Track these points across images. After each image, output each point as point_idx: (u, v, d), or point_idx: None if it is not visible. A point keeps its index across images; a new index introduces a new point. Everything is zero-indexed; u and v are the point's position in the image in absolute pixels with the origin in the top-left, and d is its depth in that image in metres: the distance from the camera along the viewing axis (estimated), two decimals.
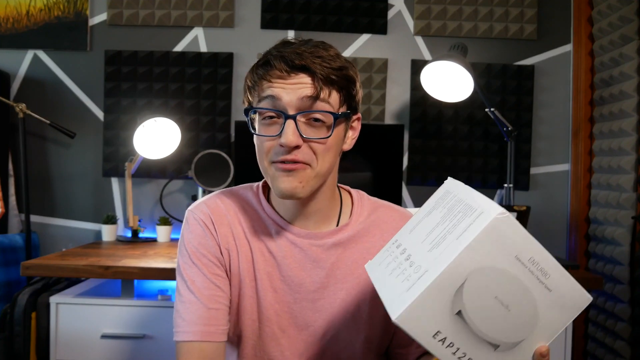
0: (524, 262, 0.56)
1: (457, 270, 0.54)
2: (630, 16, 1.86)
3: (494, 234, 0.54)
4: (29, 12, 2.23)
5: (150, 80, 2.23)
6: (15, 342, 1.67)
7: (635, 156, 1.84)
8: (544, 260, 0.57)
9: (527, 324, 0.57)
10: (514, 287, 0.56)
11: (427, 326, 0.54)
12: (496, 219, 0.54)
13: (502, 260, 0.55)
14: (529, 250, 0.56)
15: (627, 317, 1.82)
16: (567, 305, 0.59)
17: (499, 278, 0.55)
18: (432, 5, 2.21)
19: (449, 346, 0.55)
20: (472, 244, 0.54)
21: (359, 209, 0.89)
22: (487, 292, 0.55)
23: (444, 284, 0.54)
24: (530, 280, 0.56)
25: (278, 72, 0.75)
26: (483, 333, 0.56)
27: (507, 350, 0.57)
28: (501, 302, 0.56)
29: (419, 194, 2.24)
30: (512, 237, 0.55)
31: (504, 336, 0.57)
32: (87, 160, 2.25)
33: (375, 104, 2.23)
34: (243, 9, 2.24)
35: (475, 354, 0.56)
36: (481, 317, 0.55)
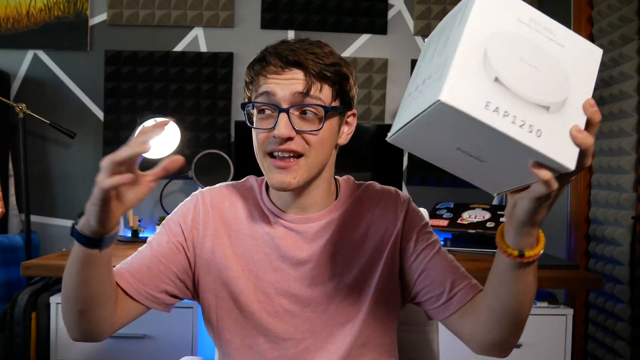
0: (527, 22, 0.57)
1: (474, 41, 0.54)
2: (630, 16, 1.86)
3: (489, 3, 0.55)
4: (29, 12, 2.23)
5: (150, 80, 2.23)
6: (15, 342, 1.67)
7: (635, 156, 1.84)
8: (544, 19, 0.58)
9: (560, 80, 0.57)
10: (530, 47, 0.56)
11: (475, 98, 0.52)
12: None
13: (508, 23, 0.56)
14: (525, 11, 0.57)
15: (627, 317, 1.82)
16: (586, 59, 0.59)
17: (513, 40, 0.56)
18: (432, 5, 2.22)
19: (505, 115, 0.53)
20: (474, 16, 0.54)
21: (346, 191, 0.93)
22: (510, 55, 0.55)
23: (468, 57, 0.53)
24: (540, 39, 0.57)
25: (273, 68, 0.80)
26: (528, 95, 0.54)
27: (559, 110, 0.56)
28: (527, 62, 0.55)
29: (419, 194, 2.24)
30: (506, 1, 0.56)
31: (548, 96, 0.56)
32: (87, 160, 2.25)
33: (375, 104, 2.23)
34: (243, 9, 2.24)
35: (533, 119, 0.54)
36: (518, 80, 0.54)
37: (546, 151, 0.54)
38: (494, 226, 1.85)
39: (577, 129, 0.55)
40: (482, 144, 0.56)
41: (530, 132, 0.53)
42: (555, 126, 0.55)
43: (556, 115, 0.56)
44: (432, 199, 2.17)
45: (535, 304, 1.58)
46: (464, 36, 0.54)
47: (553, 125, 0.55)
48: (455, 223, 1.91)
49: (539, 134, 0.54)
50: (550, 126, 0.55)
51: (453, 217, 1.95)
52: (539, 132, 0.54)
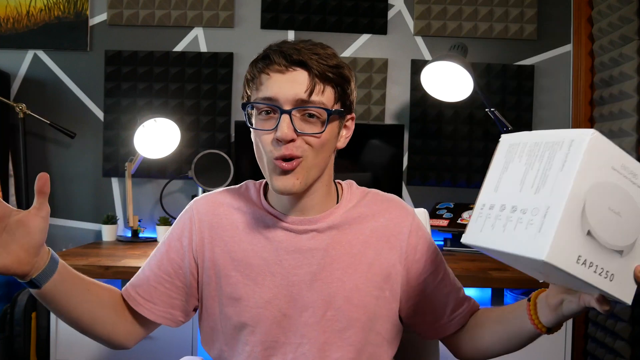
0: (619, 169, 0.61)
1: (577, 196, 0.58)
2: (630, 16, 1.86)
3: (594, 153, 0.59)
4: (29, 12, 2.23)
5: (150, 80, 2.23)
6: (15, 342, 1.67)
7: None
8: (632, 164, 0.62)
9: (636, 223, 0.62)
10: (618, 195, 0.61)
11: (571, 255, 0.58)
12: (592, 139, 0.59)
13: (604, 173, 0.60)
14: (619, 158, 0.61)
15: (627, 317, 1.82)
16: None
17: (607, 190, 0.60)
18: (432, 5, 2.21)
19: (590, 266, 0.59)
20: (581, 168, 0.58)
21: (349, 195, 0.92)
22: (603, 206, 0.60)
23: (571, 212, 0.58)
24: (626, 184, 0.62)
25: (277, 66, 0.78)
26: (610, 244, 0.60)
27: (629, 252, 0.62)
28: (613, 210, 0.61)
29: (419, 194, 2.24)
30: (607, 151, 0.60)
31: (624, 240, 0.61)
32: (87, 160, 2.25)
33: (375, 104, 2.23)
34: (243, 9, 2.24)
35: (609, 265, 0.60)
36: (605, 230, 0.60)
37: (613, 292, 0.62)
38: None
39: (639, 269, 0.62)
40: (559, 276, 0.63)
41: (606, 277, 0.61)
42: (623, 267, 0.62)
43: (627, 257, 0.62)
44: (432, 199, 2.17)
45: None
46: (571, 191, 0.58)
47: (622, 266, 0.62)
48: (455, 223, 1.91)
49: (612, 278, 0.61)
50: (619, 268, 0.62)
51: (453, 217, 1.95)
52: (612, 277, 0.61)
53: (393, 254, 0.88)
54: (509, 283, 1.53)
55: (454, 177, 2.23)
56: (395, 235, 0.89)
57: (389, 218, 0.90)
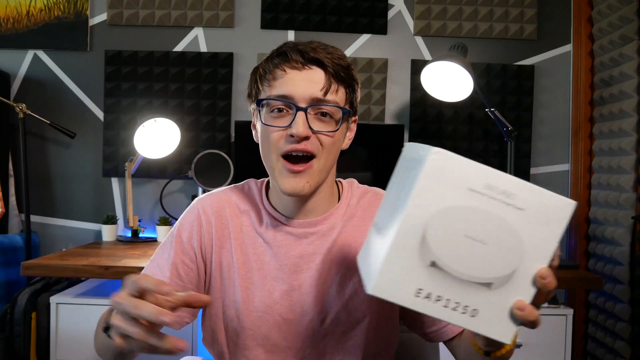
0: (480, 190, 0.53)
1: (412, 223, 0.52)
2: (630, 16, 1.86)
3: (438, 175, 0.52)
4: (29, 12, 2.23)
5: (150, 80, 2.23)
6: (16, 342, 1.67)
7: (635, 156, 1.84)
8: (502, 182, 0.53)
9: (512, 251, 0.54)
10: (480, 219, 0.53)
11: (405, 288, 0.53)
12: (430, 160, 0.52)
13: (456, 196, 0.53)
14: (480, 177, 0.53)
15: (627, 317, 1.82)
16: (551, 218, 0.55)
17: (460, 216, 0.53)
18: (432, 5, 2.21)
19: (437, 300, 0.53)
20: (416, 192, 0.52)
21: (349, 194, 0.92)
22: (454, 234, 0.53)
23: (404, 242, 0.52)
24: (494, 206, 0.53)
25: (293, 63, 0.79)
26: (468, 275, 0.53)
27: (504, 285, 0.54)
28: (473, 238, 0.53)
29: None
30: (457, 171, 0.53)
31: (492, 272, 0.54)
32: (87, 160, 2.25)
33: (375, 104, 2.23)
34: (243, 9, 2.24)
35: (469, 299, 0.54)
36: (459, 260, 0.53)
37: (478, 329, 0.55)
38: None
39: (519, 306, 0.54)
40: None
41: (464, 312, 0.54)
42: (496, 301, 0.55)
43: (499, 290, 0.54)
44: None
45: None
46: (404, 219, 0.52)
47: (494, 301, 0.55)
48: None
49: (474, 313, 0.54)
50: (487, 303, 0.54)
51: None
52: (474, 312, 0.54)
53: None
54: None
55: None
56: None
57: None
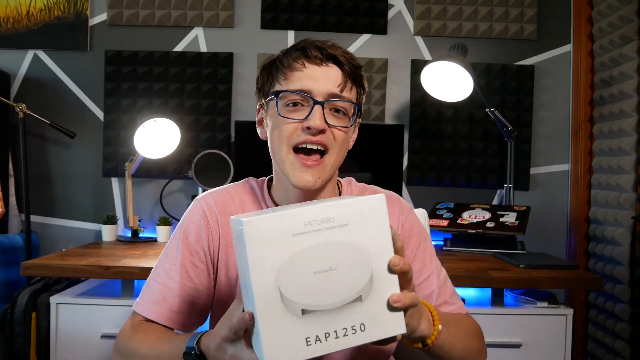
0: (302, 231, 0.56)
1: (264, 291, 0.54)
2: (630, 16, 1.86)
3: (257, 241, 0.54)
4: (29, 12, 2.23)
5: (150, 80, 2.22)
6: (15, 342, 1.67)
7: (635, 156, 1.84)
8: (316, 213, 0.56)
9: (360, 261, 0.57)
10: (318, 253, 0.56)
11: (294, 346, 0.54)
12: (246, 231, 0.54)
13: (286, 247, 0.55)
14: (295, 221, 0.56)
15: (627, 317, 1.82)
16: (372, 216, 0.58)
17: (300, 260, 0.55)
18: (432, 5, 2.21)
19: (327, 337, 0.56)
20: (252, 265, 0.54)
21: (347, 192, 0.93)
22: (304, 277, 0.55)
23: (267, 311, 0.54)
24: (322, 236, 0.56)
25: (313, 59, 0.80)
26: (337, 302, 0.56)
27: (371, 290, 0.57)
28: (322, 271, 0.56)
29: (419, 194, 2.24)
30: (273, 227, 0.55)
31: (355, 287, 0.56)
32: (87, 160, 2.25)
33: (375, 104, 2.23)
34: (243, 9, 2.24)
35: (351, 320, 0.56)
36: (322, 296, 0.55)
37: (378, 336, 0.57)
38: (494, 226, 1.85)
39: (393, 299, 0.57)
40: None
41: (355, 332, 0.56)
42: (373, 307, 0.57)
43: (370, 297, 0.57)
44: (432, 199, 2.16)
45: (535, 304, 1.58)
46: (254, 291, 0.54)
47: (371, 307, 0.57)
48: (455, 223, 1.91)
49: (363, 327, 0.57)
50: (369, 312, 0.57)
51: (453, 217, 1.94)
52: (362, 327, 0.57)
53: None
54: (509, 283, 1.53)
55: (454, 177, 2.23)
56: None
57: None
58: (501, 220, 1.87)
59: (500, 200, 2.22)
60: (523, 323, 1.56)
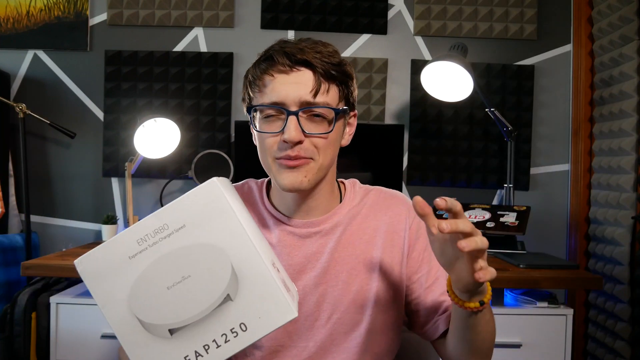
0: (138, 250, 0.53)
1: (122, 323, 0.53)
2: (630, 16, 1.86)
3: (94, 277, 0.53)
4: (29, 12, 2.23)
5: (150, 80, 2.22)
6: (16, 342, 1.67)
7: (635, 156, 1.84)
8: (144, 227, 0.54)
9: (215, 258, 0.53)
10: (163, 267, 0.53)
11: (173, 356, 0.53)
12: (81, 271, 0.54)
13: (127, 273, 0.53)
14: (126, 243, 0.53)
15: (627, 317, 1.82)
16: (208, 206, 0.54)
17: (146, 281, 0.53)
18: (432, 5, 2.21)
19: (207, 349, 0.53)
20: (99, 303, 0.53)
21: (352, 194, 0.91)
22: (158, 296, 0.53)
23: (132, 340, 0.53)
24: (162, 247, 0.53)
25: (281, 67, 0.77)
26: (203, 311, 0.53)
27: (239, 284, 0.54)
28: (175, 282, 0.53)
29: (419, 194, 2.23)
30: (105, 259, 0.53)
31: (218, 288, 0.53)
32: (87, 160, 2.25)
33: (375, 104, 2.23)
34: (243, 9, 2.24)
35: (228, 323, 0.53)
36: (184, 308, 0.52)
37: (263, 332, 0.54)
38: (494, 226, 1.85)
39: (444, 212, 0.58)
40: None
41: (237, 334, 0.53)
42: (248, 301, 0.53)
43: (241, 291, 0.53)
44: (432, 199, 2.15)
45: (535, 304, 1.58)
46: (113, 327, 0.54)
47: (246, 302, 0.53)
48: None
49: (244, 327, 0.53)
50: (245, 307, 0.53)
51: None
52: (243, 326, 0.53)
53: (395, 252, 0.88)
54: (509, 283, 1.53)
55: (454, 177, 2.23)
56: (397, 232, 0.88)
57: (391, 216, 0.89)
58: (501, 220, 1.87)
59: (500, 200, 2.22)
60: (523, 323, 1.56)
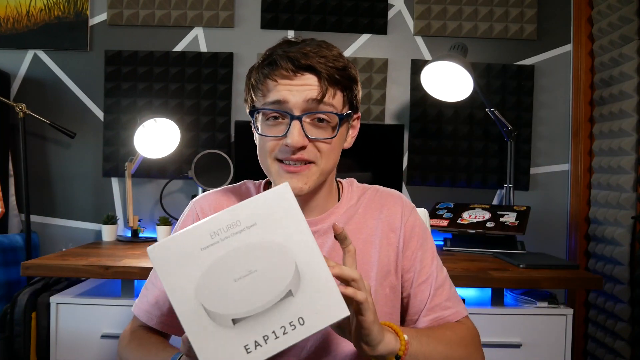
0: (210, 243, 0.56)
1: (188, 311, 0.55)
2: (630, 16, 1.86)
3: (166, 264, 0.55)
4: (29, 12, 2.23)
5: (150, 80, 2.22)
6: (16, 342, 1.67)
7: (635, 156, 1.84)
8: (218, 222, 0.57)
9: (280, 256, 0.57)
10: (232, 260, 0.56)
11: (235, 356, 0.54)
12: (153, 258, 0.56)
13: (199, 263, 0.55)
14: (201, 234, 0.56)
15: (627, 317, 1.82)
16: (280, 208, 0.58)
17: (216, 272, 0.55)
18: (432, 5, 2.21)
19: (266, 339, 0.55)
20: (168, 289, 0.55)
21: (349, 194, 0.91)
22: (225, 287, 0.55)
23: (196, 329, 0.55)
24: (232, 242, 0.56)
25: (284, 72, 0.76)
26: (266, 304, 0.55)
27: (300, 282, 0.57)
28: (242, 276, 0.55)
29: (419, 194, 2.24)
30: (179, 247, 0.56)
31: (281, 284, 0.56)
32: (87, 160, 2.25)
33: (375, 104, 2.23)
34: (243, 9, 2.24)
35: (288, 317, 0.56)
36: (248, 300, 0.55)
37: (319, 326, 0.56)
38: (494, 226, 1.85)
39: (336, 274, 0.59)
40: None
41: (294, 327, 0.56)
42: (308, 297, 0.56)
43: (302, 288, 0.57)
44: (432, 199, 2.16)
45: (535, 304, 1.58)
46: (178, 313, 0.55)
47: (306, 298, 0.56)
48: (455, 223, 1.91)
49: (302, 321, 0.56)
50: (304, 303, 0.56)
51: (453, 217, 1.95)
52: (301, 320, 0.56)
53: (391, 251, 0.88)
54: (509, 283, 1.53)
55: (454, 177, 2.23)
56: (393, 231, 0.89)
57: (387, 214, 0.90)
58: (501, 220, 1.87)
59: (500, 200, 2.22)
60: (523, 323, 1.56)
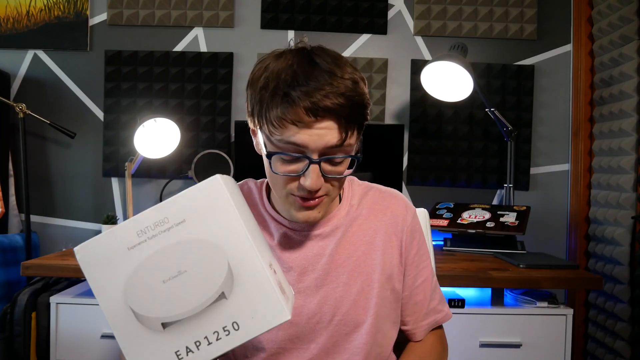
0: (137, 242, 0.53)
1: (115, 314, 0.53)
2: (630, 16, 1.86)
3: (91, 266, 0.53)
4: (29, 12, 2.23)
5: (150, 80, 2.22)
6: (15, 342, 1.67)
7: (635, 156, 1.84)
8: (144, 220, 0.54)
9: (212, 254, 0.53)
10: (160, 260, 0.53)
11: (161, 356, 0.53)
12: (79, 260, 0.54)
13: (125, 264, 0.53)
14: (127, 233, 0.53)
15: (627, 317, 1.82)
16: (211, 203, 0.54)
17: (142, 273, 0.53)
18: (432, 5, 2.21)
19: (198, 345, 0.53)
20: (96, 292, 0.54)
21: (350, 193, 0.91)
22: (153, 288, 0.53)
23: (125, 332, 0.53)
24: (161, 240, 0.53)
25: (303, 117, 0.70)
26: (197, 306, 0.52)
27: (234, 282, 0.54)
28: (171, 277, 0.53)
29: (419, 194, 2.24)
30: (104, 248, 0.53)
31: (214, 284, 0.53)
32: (87, 160, 2.25)
33: (375, 104, 2.23)
34: (243, 9, 2.24)
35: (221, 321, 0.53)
36: (178, 303, 0.52)
37: (256, 332, 0.53)
38: (494, 226, 1.85)
39: None
40: None
41: (228, 334, 0.52)
42: (243, 300, 0.53)
43: (236, 290, 0.53)
44: (432, 199, 2.16)
45: (535, 304, 1.58)
46: (106, 315, 0.53)
47: (241, 301, 0.53)
48: (455, 223, 1.91)
49: (236, 326, 0.53)
50: (239, 307, 0.53)
51: (453, 217, 1.95)
52: (235, 325, 0.53)
53: (394, 253, 0.88)
54: (509, 283, 1.53)
55: (454, 177, 2.23)
56: (395, 233, 0.89)
57: (390, 216, 0.90)
58: (501, 220, 1.87)
59: (500, 200, 2.22)
60: (523, 323, 1.56)
